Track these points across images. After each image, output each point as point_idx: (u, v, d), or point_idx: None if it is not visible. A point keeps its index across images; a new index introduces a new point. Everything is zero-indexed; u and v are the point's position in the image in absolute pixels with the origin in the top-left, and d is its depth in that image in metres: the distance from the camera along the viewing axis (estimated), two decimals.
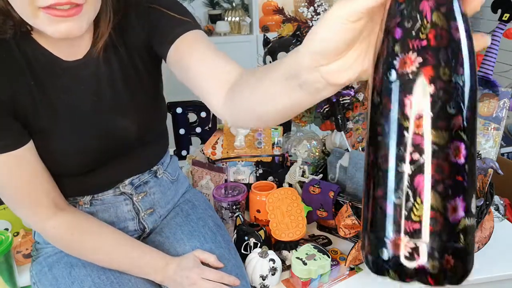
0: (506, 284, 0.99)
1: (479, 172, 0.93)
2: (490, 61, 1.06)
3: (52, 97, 0.73)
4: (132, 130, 0.82)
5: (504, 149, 2.07)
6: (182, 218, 0.96)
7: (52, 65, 0.73)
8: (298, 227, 1.02)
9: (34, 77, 0.71)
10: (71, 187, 0.82)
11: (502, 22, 1.03)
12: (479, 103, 1.08)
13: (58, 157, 0.76)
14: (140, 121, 0.83)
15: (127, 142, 0.83)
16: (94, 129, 0.78)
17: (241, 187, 1.14)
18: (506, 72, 1.79)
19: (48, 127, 0.74)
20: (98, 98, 0.77)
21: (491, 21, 3.03)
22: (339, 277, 0.96)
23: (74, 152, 0.77)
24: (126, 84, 0.79)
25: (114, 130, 0.80)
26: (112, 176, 0.86)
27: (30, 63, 0.71)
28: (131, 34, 0.78)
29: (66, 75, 0.74)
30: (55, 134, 0.75)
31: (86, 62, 0.75)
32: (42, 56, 0.72)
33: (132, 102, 0.81)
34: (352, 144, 1.18)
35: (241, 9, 3.18)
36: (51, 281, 0.81)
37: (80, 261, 0.82)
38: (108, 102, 0.78)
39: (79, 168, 0.80)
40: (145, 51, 0.80)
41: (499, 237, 1.05)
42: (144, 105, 0.84)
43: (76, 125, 0.76)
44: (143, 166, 0.91)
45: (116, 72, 0.78)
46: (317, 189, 1.04)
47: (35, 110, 0.72)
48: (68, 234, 0.78)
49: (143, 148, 0.88)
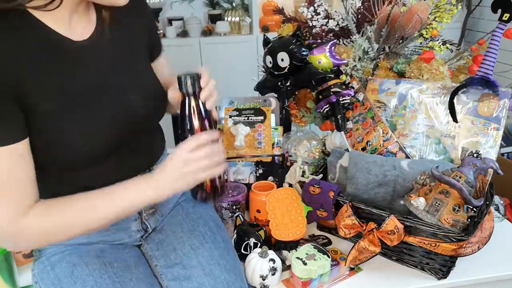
0: (506, 284, 0.99)
1: (479, 172, 0.93)
2: (490, 61, 1.06)
3: (62, 76, 0.73)
4: (140, 106, 0.84)
5: (504, 149, 2.07)
6: (183, 216, 0.97)
7: (61, 45, 0.74)
8: (298, 227, 1.02)
9: (44, 57, 0.71)
10: (79, 184, 0.80)
11: (502, 22, 1.03)
12: (479, 103, 1.08)
13: (69, 140, 0.74)
14: (147, 97, 0.86)
15: (136, 123, 0.84)
16: (105, 107, 0.78)
17: (241, 187, 1.14)
18: (506, 72, 1.79)
19: (59, 107, 0.73)
20: (107, 75, 0.79)
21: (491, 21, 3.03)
22: (339, 277, 0.96)
23: (85, 133, 0.76)
24: (131, 62, 0.85)
25: (124, 107, 0.81)
26: (116, 173, 0.85)
27: (39, 44, 0.71)
28: (133, 18, 0.85)
29: (75, 54, 0.75)
30: (67, 115, 0.74)
31: (93, 41, 0.78)
32: (49, 36, 0.72)
33: (138, 80, 0.86)
34: (352, 144, 1.18)
35: (241, 9, 3.19)
36: (53, 281, 0.81)
37: (82, 261, 0.82)
38: (116, 79, 0.81)
39: (88, 154, 0.77)
40: (143, 37, 0.89)
41: (499, 237, 1.05)
42: (148, 82, 0.89)
43: (87, 104, 0.76)
44: (145, 162, 0.92)
45: (121, 50, 0.83)
46: (317, 189, 1.04)
47: (46, 91, 0.71)
48: (46, 215, 0.73)
49: (146, 139, 0.90)
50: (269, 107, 1.32)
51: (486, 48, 1.07)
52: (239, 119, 1.29)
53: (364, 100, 1.21)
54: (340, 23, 1.37)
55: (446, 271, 0.94)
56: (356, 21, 1.37)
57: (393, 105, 1.18)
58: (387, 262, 1.01)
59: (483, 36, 1.22)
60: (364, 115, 1.19)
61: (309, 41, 1.25)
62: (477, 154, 0.95)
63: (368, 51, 1.34)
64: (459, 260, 0.95)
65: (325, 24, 1.38)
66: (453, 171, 0.93)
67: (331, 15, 1.38)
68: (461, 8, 2.23)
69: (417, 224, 0.90)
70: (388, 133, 1.13)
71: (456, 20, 2.33)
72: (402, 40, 1.30)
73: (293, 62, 1.21)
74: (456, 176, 0.91)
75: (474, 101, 1.09)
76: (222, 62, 3.10)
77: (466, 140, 1.08)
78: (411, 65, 1.23)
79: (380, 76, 1.27)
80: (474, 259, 0.97)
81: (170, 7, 3.25)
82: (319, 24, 1.38)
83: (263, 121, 1.28)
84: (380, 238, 0.94)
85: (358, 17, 1.36)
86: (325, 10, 1.38)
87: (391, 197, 1.04)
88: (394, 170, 1.02)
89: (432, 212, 0.90)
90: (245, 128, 1.26)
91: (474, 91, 1.09)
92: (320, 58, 1.21)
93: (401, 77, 1.25)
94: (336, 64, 1.22)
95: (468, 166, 0.92)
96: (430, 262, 0.95)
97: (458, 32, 3.23)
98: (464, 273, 0.96)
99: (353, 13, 1.37)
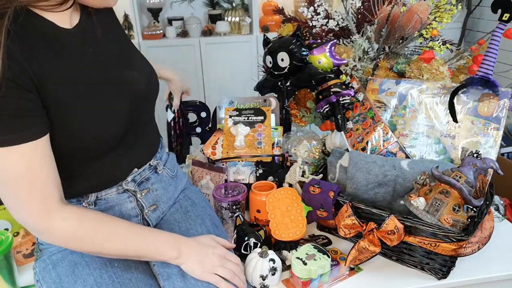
0: (506, 284, 0.99)
1: (479, 172, 0.93)
2: (490, 61, 1.06)
3: (69, 64, 0.75)
4: (141, 82, 0.88)
5: (504, 149, 2.07)
6: (181, 214, 0.98)
7: (61, 34, 0.76)
8: (298, 227, 1.02)
9: (51, 49, 0.73)
10: (84, 177, 0.82)
11: (502, 22, 1.03)
12: (479, 103, 1.08)
13: (80, 128, 0.76)
14: (145, 72, 0.91)
15: (138, 98, 0.87)
16: (109, 84, 0.81)
17: (241, 187, 1.14)
18: (506, 72, 1.79)
19: (71, 95, 0.74)
20: (106, 56, 0.82)
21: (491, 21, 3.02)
22: (339, 277, 0.96)
23: (94, 116, 0.78)
24: (121, 42, 0.89)
25: (126, 83, 0.84)
26: (119, 166, 0.88)
27: (44, 36, 0.73)
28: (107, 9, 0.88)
29: (74, 41, 0.78)
30: (80, 103, 0.75)
31: (84, 26, 0.81)
32: (50, 27, 0.75)
33: (132, 56, 0.90)
34: (352, 144, 1.18)
35: (241, 9, 3.18)
36: (54, 279, 0.81)
37: (84, 260, 0.83)
38: (114, 58, 0.84)
39: (98, 140, 0.80)
40: (119, 24, 0.93)
41: (499, 237, 1.05)
42: (142, 58, 0.93)
43: (94, 85, 0.78)
44: (145, 156, 0.94)
45: (109, 32, 0.86)
46: (317, 189, 1.04)
47: (58, 81, 0.73)
48: (79, 225, 0.75)
49: (147, 127, 0.95)
50: (269, 107, 1.32)
51: (486, 48, 1.07)
52: (239, 119, 1.29)
53: (364, 100, 1.21)
54: (340, 23, 1.37)
55: (446, 271, 0.94)
56: (356, 21, 1.37)
57: (393, 105, 1.18)
58: (387, 262, 1.01)
59: (483, 36, 1.22)
60: (364, 115, 1.19)
61: (309, 41, 1.25)
62: (477, 154, 0.95)
63: (368, 51, 1.34)
64: (459, 260, 0.95)
65: (325, 24, 1.38)
66: (453, 171, 0.93)
67: (331, 15, 1.38)
68: (461, 8, 2.23)
69: (417, 224, 0.90)
70: (388, 133, 1.13)
71: (456, 20, 2.33)
72: (402, 40, 1.30)
73: (293, 62, 1.21)
74: (456, 176, 0.91)
75: (474, 101, 1.09)
76: (222, 62, 3.10)
77: (466, 140, 1.08)
78: (411, 65, 1.23)
79: (380, 76, 1.27)
80: (474, 259, 0.97)
81: (170, 7, 3.25)
82: (319, 24, 1.38)
83: (263, 121, 1.28)
84: (380, 238, 0.94)
85: (358, 17, 1.36)
86: (325, 10, 1.38)
87: (391, 197, 1.04)
88: (394, 170, 1.02)
89: (432, 212, 0.90)
90: (245, 128, 1.26)
91: (474, 91, 1.09)
92: (320, 58, 1.21)
93: (401, 77, 1.25)
94: (336, 64, 1.22)
95: (468, 166, 0.92)
96: (430, 262, 0.95)
97: (458, 32, 3.23)
98: (464, 273, 0.96)
99: (353, 13, 1.37)
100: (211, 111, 1.51)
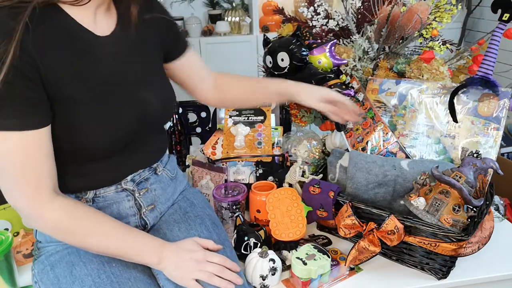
0: (506, 284, 0.99)
1: (479, 172, 0.93)
2: (490, 61, 1.06)
3: (86, 67, 0.77)
4: (154, 105, 0.88)
5: (504, 149, 2.07)
6: (180, 215, 0.97)
7: (86, 38, 0.78)
8: (298, 227, 1.02)
9: (70, 48, 0.75)
10: (83, 176, 0.83)
11: (502, 22, 1.03)
12: (479, 103, 1.08)
13: (86, 129, 0.77)
14: (160, 95, 0.90)
15: (149, 119, 0.87)
16: (123, 99, 0.82)
17: (241, 187, 1.14)
18: (506, 72, 1.79)
19: (81, 96, 0.76)
20: (126, 71, 0.84)
21: (491, 21, 3.02)
22: (339, 277, 0.96)
23: (103, 123, 0.79)
24: (146, 61, 0.89)
25: (139, 102, 0.85)
26: (119, 169, 0.88)
27: (66, 35, 0.75)
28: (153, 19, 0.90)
29: (99, 48, 0.80)
30: (88, 104, 0.77)
31: (115, 37, 0.83)
32: (76, 28, 0.77)
33: (153, 77, 0.91)
34: (352, 144, 1.18)
35: (241, 9, 3.18)
36: (52, 281, 0.81)
37: (81, 260, 0.82)
38: (135, 75, 0.85)
39: (102, 145, 0.81)
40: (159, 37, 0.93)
41: (499, 237, 1.05)
42: (162, 81, 0.94)
43: (107, 95, 0.80)
44: (148, 161, 0.94)
45: (139, 49, 0.87)
46: (317, 189, 1.04)
47: (71, 79, 0.75)
48: (66, 218, 0.77)
49: (154, 137, 0.95)
50: (269, 107, 1.32)
51: (486, 48, 1.07)
52: (239, 119, 1.30)
53: (364, 100, 1.21)
54: (340, 23, 1.37)
55: (446, 271, 0.94)
56: (356, 21, 1.37)
57: (393, 105, 1.18)
58: (387, 262, 1.01)
59: (483, 36, 1.22)
60: (364, 115, 1.19)
61: (309, 41, 1.25)
62: (477, 154, 0.95)
63: (368, 51, 1.34)
64: (459, 260, 0.95)
65: (325, 24, 1.38)
66: (453, 171, 0.93)
67: (331, 15, 1.38)
68: (461, 8, 2.23)
69: (417, 224, 0.90)
70: (388, 133, 1.13)
71: (456, 20, 2.33)
72: (402, 40, 1.30)
73: (293, 62, 1.21)
74: (456, 176, 0.91)
75: (474, 101, 1.09)
76: (222, 62, 3.10)
77: (466, 140, 1.08)
78: (411, 65, 1.23)
79: (380, 76, 1.27)
80: (474, 259, 0.97)
81: (170, 7, 3.25)
82: (319, 24, 1.38)
83: (263, 121, 1.28)
84: (380, 238, 0.94)
85: (358, 17, 1.36)
86: (325, 10, 1.37)
87: (391, 197, 1.04)
88: (394, 170, 1.02)
89: (432, 212, 0.90)
90: (245, 128, 1.26)
91: (474, 91, 1.09)
92: (320, 58, 1.21)
93: (401, 77, 1.25)
94: (336, 64, 1.22)
95: (468, 166, 0.92)
96: (430, 262, 0.95)
97: (458, 32, 3.23)
98: (464, 273, 0.96)
99: (353, 13, 1.37)
100: (211, 111, 1.51)
